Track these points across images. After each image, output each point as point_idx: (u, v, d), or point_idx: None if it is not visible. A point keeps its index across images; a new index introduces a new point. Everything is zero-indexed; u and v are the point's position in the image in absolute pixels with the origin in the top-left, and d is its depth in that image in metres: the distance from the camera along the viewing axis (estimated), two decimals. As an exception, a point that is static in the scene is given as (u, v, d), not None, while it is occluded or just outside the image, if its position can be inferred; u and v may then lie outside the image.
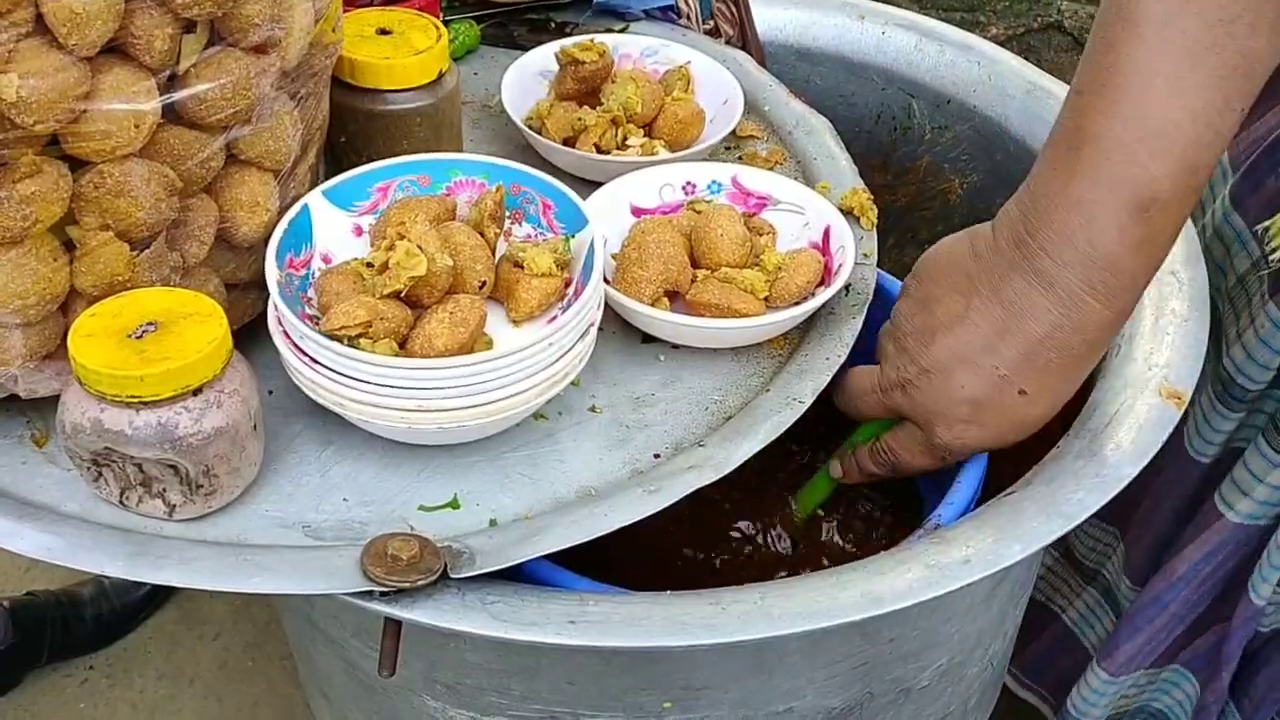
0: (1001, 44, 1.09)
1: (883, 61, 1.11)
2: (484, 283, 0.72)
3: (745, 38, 1.12)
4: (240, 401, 0.64)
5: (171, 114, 0.63)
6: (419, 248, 0.68)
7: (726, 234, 0.80)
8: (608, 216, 0.81)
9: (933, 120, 1.09)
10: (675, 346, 0.79)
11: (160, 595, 1.57)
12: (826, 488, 0.86)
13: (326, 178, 0.76)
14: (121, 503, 0.65)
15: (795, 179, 0.88)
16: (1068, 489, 0.68)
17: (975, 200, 1.08)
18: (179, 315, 0.63)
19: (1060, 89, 1.01)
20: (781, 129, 0.98)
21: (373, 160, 0.77)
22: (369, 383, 0.65)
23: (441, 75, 0.81)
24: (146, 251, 0.65)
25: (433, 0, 0.95)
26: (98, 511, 0.66)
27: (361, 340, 0.67)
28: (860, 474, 0.80)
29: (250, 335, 0.73)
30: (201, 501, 0.65)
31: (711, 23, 1.11)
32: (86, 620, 1.50)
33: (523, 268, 0.73)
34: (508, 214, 0.77)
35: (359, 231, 0.75)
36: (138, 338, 0.61)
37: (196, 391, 0.62)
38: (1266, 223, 0.84)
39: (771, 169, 0.92)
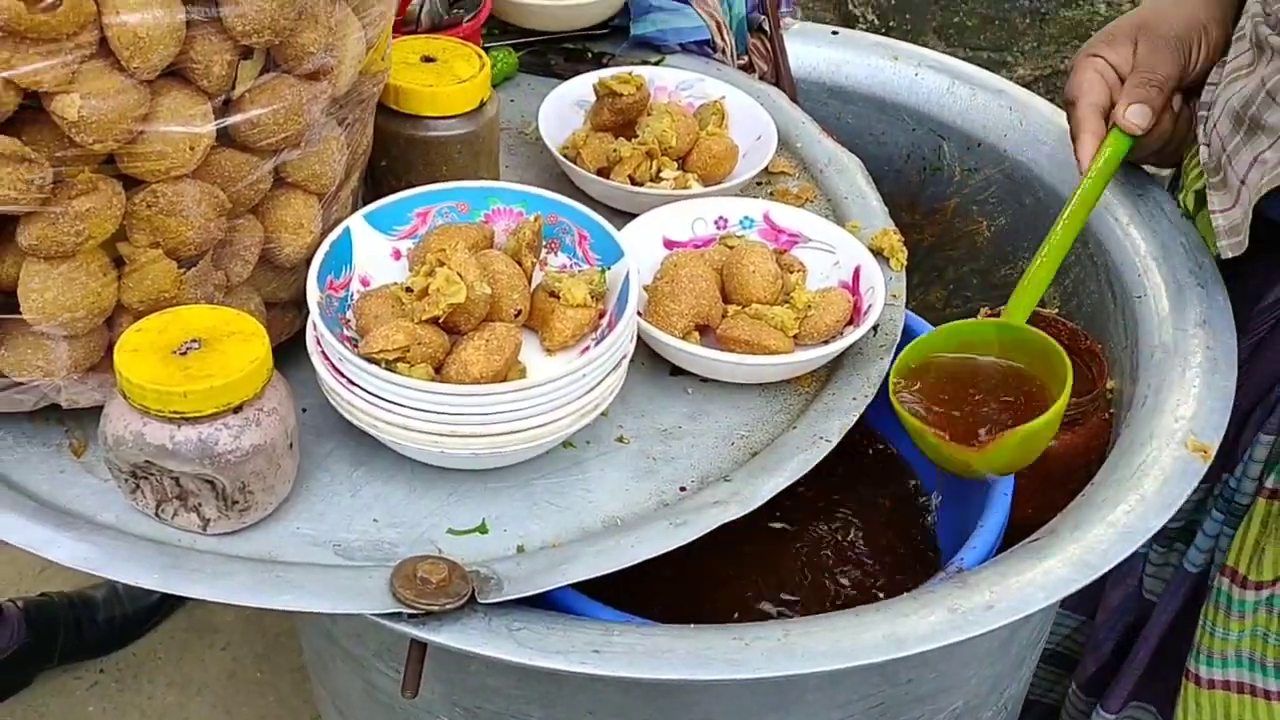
0: (1029, 84, 1.11)
1: (915, 102, 1.12)
2: (520, 311, 0.73)
3: (779, 73, 1.13)
4: (279, 420, 0.65)
5: (225, 137, 0.64)
6: (459, 275, 0.69)
7: (759, 270, 0.81)
8: (640, 248, 0.82)
9: (963, 163, 1.10)
10: (703, 380, 0.80)
11: (171, 601, 1.57)
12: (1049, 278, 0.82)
13: (366, 201, 0.77)
14: (157, 515, 0.66)
15: (826, 217, 0.88)
16: (1093, 538, 0.69)
17: (1003, 243, 1.09)
18: (223, 333, 0.64)
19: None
20: (813, 166, 0.99)
21: (412, 185, 0.78)
22: (405, 406, 0.66)
23: (483, 104, 0.82)
24: (193, 269, 0.66)
25: (475, 29, 0.96)
26: (133, 523, 0.67)
27: (399, 364, 0.68)
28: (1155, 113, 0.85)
29: (286, 353, 0.74)
30: (236, 517, 0.66)
31: (746, 58, 1.13)
32: (99, 623, 1.50)
33: (558, 297, 0.74)
34: (544, 243, 0.78)
35: (398, 255, 0.76)
36: (182, 354, 0.62)
37: (237, 409, 0.63)
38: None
39: (802, 206, 0.93)
